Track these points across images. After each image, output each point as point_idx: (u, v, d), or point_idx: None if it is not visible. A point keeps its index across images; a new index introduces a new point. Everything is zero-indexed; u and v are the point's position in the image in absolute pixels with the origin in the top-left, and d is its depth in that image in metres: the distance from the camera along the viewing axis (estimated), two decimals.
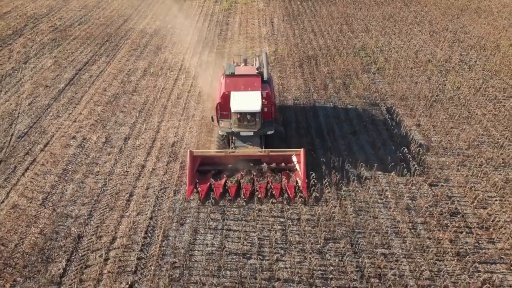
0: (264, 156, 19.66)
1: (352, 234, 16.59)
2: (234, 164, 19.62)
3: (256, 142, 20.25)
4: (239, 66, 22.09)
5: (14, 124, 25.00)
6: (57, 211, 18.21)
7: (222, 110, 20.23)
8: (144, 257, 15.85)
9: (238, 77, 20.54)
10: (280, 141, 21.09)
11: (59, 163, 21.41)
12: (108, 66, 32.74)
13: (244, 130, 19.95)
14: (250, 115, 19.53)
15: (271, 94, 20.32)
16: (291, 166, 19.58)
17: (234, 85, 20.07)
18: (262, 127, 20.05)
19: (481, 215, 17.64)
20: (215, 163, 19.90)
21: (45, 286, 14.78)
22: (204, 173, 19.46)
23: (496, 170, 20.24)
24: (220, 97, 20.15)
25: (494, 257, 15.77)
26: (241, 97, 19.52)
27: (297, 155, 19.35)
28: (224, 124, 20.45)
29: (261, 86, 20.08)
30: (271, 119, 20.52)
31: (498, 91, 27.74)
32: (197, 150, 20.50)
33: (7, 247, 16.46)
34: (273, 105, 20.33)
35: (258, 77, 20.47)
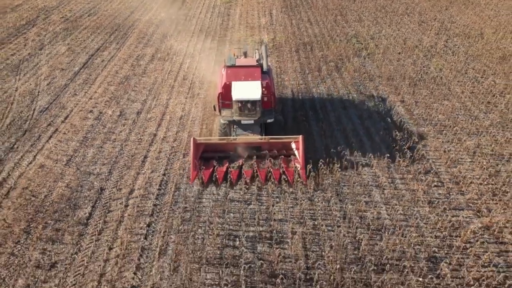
0: (264, 143, 20.55)
1: (337, 186, 19.09)
2: (235, 151, 20.55)
3: (256, 130, 21.05)
4: (239, 58, 23.27)
5: (35, 101, 27.48)
6: (80, 169, 20.72)
7: (224, 100, 20.97)
8: (159, 204, 18.35)
9: (238, 68, 21.49)
10: (279, 129, 22.07)
11: (79, 132, 23.91)
12: (118, 52, 35.23)
13: (245, 118, 20.71)
14: (251, 104, 20.32)
15: (270, 84, 21.18)
16: (290, 153, 20.45)
17: (235, 76, 20.93)
18: (262, 116, 20.80)
19: (453, 173, 20.13)
20: (217, 150, 20.78)
21: (73, 226, 17.26)
22: (207, 160, 20.32)
23: (469, 137, 22.75)
24: (222, 87, 20.95)
25: (462, 205, 18.24)
26: (242, 87, 20.36)
27: (296, 142, 20.17)
28: (225, 113, 21.19)
29: (261, 76, 20.99)
30: (271, 108, 21.25)
31: (478, 72, 30.24)
32: (200, 138, 21.54)
33: (37, 198, 18.94)
34: (272, 94, 21.10)
35: (258, 68, 21.45)
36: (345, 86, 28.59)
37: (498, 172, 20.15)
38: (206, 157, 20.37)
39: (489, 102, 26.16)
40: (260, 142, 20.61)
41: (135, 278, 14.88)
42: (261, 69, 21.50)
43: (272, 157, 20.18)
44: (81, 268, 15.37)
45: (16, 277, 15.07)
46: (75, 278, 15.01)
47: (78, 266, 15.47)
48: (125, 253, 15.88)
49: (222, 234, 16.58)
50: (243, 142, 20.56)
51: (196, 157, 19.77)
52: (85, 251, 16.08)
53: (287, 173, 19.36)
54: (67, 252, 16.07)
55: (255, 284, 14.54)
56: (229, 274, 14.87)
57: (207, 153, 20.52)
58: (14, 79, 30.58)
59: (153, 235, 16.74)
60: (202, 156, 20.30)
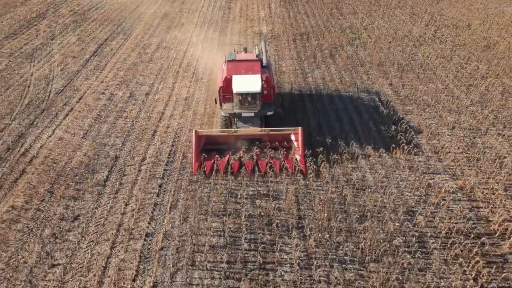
0: (264, 135, 21.07)
1: (328, 154, 21.21)
2: (236, 142, 21.13)
3: (256, 123, 21.51)
4: (239, 54, 24.00)
5: (50, 84, 29.64)
6: (96, 141, 22.88)
7: (225, 93, 21.46)
8: (169, 169, 20.50)
9: (239, 62, 22.12)
10: (279, 121, 22.63)
11: (93, 110, 26.06)
12: (126, 41, 37.40)
13: (245, 111, 21.18)
14: (251, 97, 20.81)
15: (270, 78, 21.72)
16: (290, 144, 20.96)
17: (236, 69, 21.49)
18: (262, 109, 21.30)
19: (433, 144, 22.28)
20: (218, 142, 21.30)
21: (93, 187, 19.41)
22: (209, 151, 20.70)
23: (449, 114, 24.91)
24: (223, 80, 21.46)
25: (440, 170, 20.38)
26: (242, 80, 20.90)
27: (295, 133, 20.67)
28: (226, 106, 21.64)
29: (261, 70, 21.57)
30: (270, 101, 21.76)
31: (463, 59, 32.40)
32: (202, 130, 22.15)
33: (58, 164, 21.09)
34: (272, 88, 21.58)
35: (258, 62, 22.04)
36: (338, 71, 30.75)
37: (475, 144, 22.28)
38: (208, 149, 20.80)
39: (471, 85, 28.32)
40: (260, 134, 21.14)
41: (149, 227, 17.03)
42: (261, 63, 22.12)
43: (273, 149, 20.78)
44: (101, 220, 17.52)
45: (43, 228, 17.20)
46: (96, 228, 17.16)
47: (99, 218, 17.62)
48: (140, 208, 18.03)
49: (225, 193, 18.72)
50: (244, 134, 21.09)
51: (198, 149, 20.31)
52: (104, 206, 18.24)
53: (287, 163, 19.93)
54: (88, 207, 18.23)
55: (254, 230, 16.69)
56: (231, 222, 17.02)
57: (208, 145, 20.97)
58: (29, 66, 32.73)
59: (164, 194, 18.89)
60: (204, 148, 20.73)
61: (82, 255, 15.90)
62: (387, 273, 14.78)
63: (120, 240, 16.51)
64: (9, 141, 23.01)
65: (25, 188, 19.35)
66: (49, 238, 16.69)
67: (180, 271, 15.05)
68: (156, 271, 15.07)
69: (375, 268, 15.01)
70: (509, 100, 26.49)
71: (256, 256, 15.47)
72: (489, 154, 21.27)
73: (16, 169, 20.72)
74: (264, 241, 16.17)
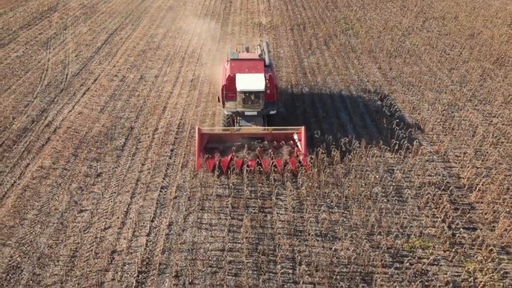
0: (267, 134, 21.07)
1: (320, 123, 23.75)
2: (239, 141, 21.08)
3: (259, 122, 21.56)
4: (241, 53, 24.23)
5: (67, 68, 32.21)
6: (112, 115, 25.45)
7: (228, 92, 21.54)
8: (179, 137, 23.06)
9: (242, 61, 22.30)
10: (282, 121, 22.74)
11: (108, 90, 28.64)
12: (134, 32, 39.98)
13: (248, 110, 21.21)
14: (254, 96, 20.83)
15: (273, 77, 21.91)
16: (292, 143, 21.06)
17: (239, 68, 21.59)
18: (265, 107, 21.37)
19: (415, 117, 24.86)
20: (221, 140, 21.24)
21: (112, 151, 21.98)
22: (212, 149, 20.78)
23: (431, 92, 27.51)
24: (226, 79, 21.52)
25: (419, 135, 22.97)
26: (246, 78, 20.96)
27: (298, 133, 20.79)
28: (229, 105, 21.69)
29: (264, 69, 21.71)
30: (273, 100, 21.85)
31: (448, 46, 35.02)
32: (205, 128, 22.19)
33: (80, 133, 23.65)
34: (275, 87, 21.68)
35: (261, 61, 22.30)
36: (332, 56, 33.36)
37: (452, 117, 24.87)
38: (210, 147, 20.89)
39: (453, 68, 30.94)
40: (263, 133, 21.17)
41: (164, 181, 19.61)
42: (264, 63, 22.30)
43: (275, 148, 20.88)
44: (121, 176, 20.10)
45: (70, 183, 19.76)
46: (117, 182, 19.74)
47: (119, 175, 20.20)
48: (155, 167, 20.61)
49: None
50: (247, 133, 21.12)
51: (201, 147, 20.39)
52: (123, 166, 20.82)
53: (290, 162, 20.00)
54: (109, 167, 20.81)
55: (254, 183, 19.28)
56: (235, 177, 19.59)
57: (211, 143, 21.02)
58: (45, 52, 35.27)
59: (176, 156, 21.47)
60: (207, 146, 20.78)
61: (106, 203, 18.49)
62: (367, 215, 17.36)
63: (139, 191, 19.10)
64: (33, 115, 25.56)
65: (52, 152, 21.92)
66: (76, 190, 19.27)
67: (191, 214, 17.63)
68: (171, 214, 17.65)
69: (357, 210, 17.59)
70: (487, 80, 29.10)
71: (256, 202, 18.05)
72: (464, 125, 23.88)
73: (42, 138, 23.29)
74: (263, 191, 18.75)
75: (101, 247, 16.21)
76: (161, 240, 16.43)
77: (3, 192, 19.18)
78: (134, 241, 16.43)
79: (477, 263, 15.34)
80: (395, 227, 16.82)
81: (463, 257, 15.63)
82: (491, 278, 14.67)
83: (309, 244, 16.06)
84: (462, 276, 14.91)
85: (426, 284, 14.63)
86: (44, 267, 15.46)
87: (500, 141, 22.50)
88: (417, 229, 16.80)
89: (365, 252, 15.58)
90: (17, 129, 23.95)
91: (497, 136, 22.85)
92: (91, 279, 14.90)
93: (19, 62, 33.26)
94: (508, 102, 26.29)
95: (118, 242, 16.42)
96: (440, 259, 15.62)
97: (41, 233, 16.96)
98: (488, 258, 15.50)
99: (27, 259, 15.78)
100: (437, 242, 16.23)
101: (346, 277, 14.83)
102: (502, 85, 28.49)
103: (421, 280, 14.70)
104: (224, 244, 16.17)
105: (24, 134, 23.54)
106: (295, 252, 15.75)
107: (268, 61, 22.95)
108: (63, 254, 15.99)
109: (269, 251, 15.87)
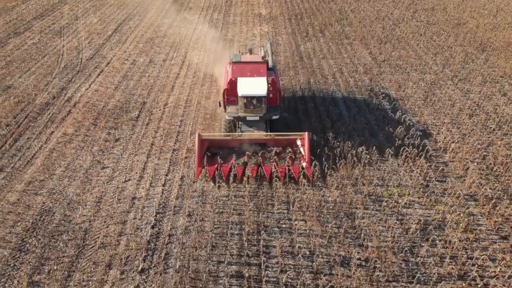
0: (270, 140, 20.42)
1: (314, 100, 26.31)
2: (240, 147, 20.44)
3: (261, 127, 20.89)
4: (244, 55, 23.37)
5: (81, 53, 34.78)
6: (126, 92, 28.03)
7: (229, 96, 20.95)
8: (187, 111, 25.63)
9: (244, 64, 21.55)
10: (284, 126, 22.10)
11: (120, 71, 31.22)
12: (142, 22, 42.58)
13: (250, 115, 20.59)
14: (256, 100, 20.21)
15: (276, 80, 21.15)
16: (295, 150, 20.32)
17: (241, 72, 20.93)
18: (268, 112, 20.74)
19: (400, 94, 27.44)
20: (222, 146, 20.61)
21: (128, 121, 24.54)
22: (212, 156, 20.08)
23: (416, 72, 30.11)
24: (227, 83, 20.93)
25: (403, 110, 25.52)
26: (247, 82, 20.36)
27: (301, 139, 20.07)
28: (230, 110, 21.08)
29: (267, 72, 21.07)
30: (276, 105, 21.21)
31: (434, 34, 37.61)
32: (205, 134, 21.43)
33: (97, 107, 26.22)
34: (278, 91, 21.02)
35: (264, 64, 21.50)
36: (326, 43, 35.96)
37: (434, 93, 27.44)
38: (211, 153, 20.23)
39: (438, 52, 33.53)
40: (265, 139, 20.60)
41: (175, 145, 22.19)
42: (267, 66, 21.64)
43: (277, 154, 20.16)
44: (137, 141, 22.69)
45: (91, 146, 22.33)
46: (134, 146, 22.31)
47: (135, 140, 22.77)
48: (167, 134, 23.19)
49: None
50: (248, 138, 20.54)
51: (201, 153, 19.66)
52: (138, 133, 23.40)
53: (293, 170, 19.16)
54: (126, 134, 23.39)
55: None
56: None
57: (212, 149, 20.42)
58: (59, 40, 37.84)
59: (185, 126, 24.04)
60: (207, 152, 20.14)
61: (125, 162, 21.08)
62: (353, 168, 19.94)
63: (153, 153, 21.69)
64: (54, 92, 28.13)
65: (73, 122, 24.51)
66: (97, 152, 21.86)
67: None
68: (183, 170, 20.23)
69: (344, 166, 20.13)
70: (468, 63, 31.69)
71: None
72: (444, 99, 26.46)
73: (63, 110, 25.88)
74: None
75: (123, 195, 18.80)
76: (175, 189, 19.02)
77: (32, 154, 21.79)
78: (151, 190, 19.02)
79: (447, 206, 17.89)
80: (376, 179, 19.39)
81: (434, 202, 18.19)
82: (458, 216, 17.22)
83: (301, 191, 18.62)
84: (433, 216, 17.47)
85: (401, 221, 17.20)
86: (74, 210, 18.04)
87: (475, 113, 25.07)
88: (396, 181, 19.38)
89: (348, 195, 18.16)
90: (40, 104, 26.54)
91: (472, 109, 25.42)
92: (115, 218, 17.48)
93: (36, 48, 35.82)
94: (486, 82, 28.85)
95: (138, 191, 19.01)
96: (415, 203, 18.19)
97: (69, 185, 19.54)
98: (456, 202, 18.06)
99: (58, 204, 18.36)
100: (412, 190, 18.79)
101: (332, 214, 17.42)
102: (482, 67, 31.05)
103: (397, 218, 17.27)
104: (230, 192, 18.73)
105: (47, 108, 26.13)
106: (290, 197, 18.32)
107: (272, 63, 22.23)
108: (90, 200, 18.57)
109: (268, 196, 18.44)
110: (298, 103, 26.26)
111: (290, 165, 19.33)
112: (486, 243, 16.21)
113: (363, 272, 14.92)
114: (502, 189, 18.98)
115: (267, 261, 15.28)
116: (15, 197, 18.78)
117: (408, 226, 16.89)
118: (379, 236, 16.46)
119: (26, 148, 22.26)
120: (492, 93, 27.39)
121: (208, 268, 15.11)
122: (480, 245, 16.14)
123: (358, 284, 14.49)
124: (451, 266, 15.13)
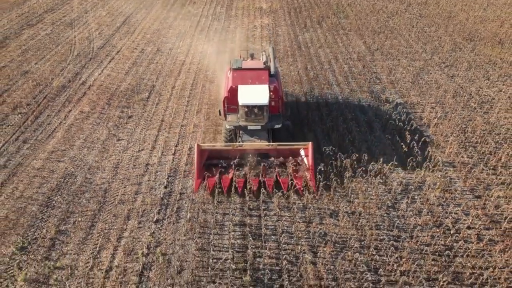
0: (272, 150, 19.66)
1: (311, 83, 28.48)
2: (241, 157, 19.62)
3: (263, 136, 20.13)
4: (246, 61, 22.36)
5: (92, 43, 36.99)
6: (136, 76, 30.23)
7: (230, 104, 20.22)
8: (193, 93, 27.81)
9: (245, 70, 20.62)
10: (287, 135, 20.86)
11: (130, 59, 33.42)
12: (148, 15, 44.78)
13: (251, 124, 19.87)
14: (258, 109, 19.51)
15: (278, 87, 20.32)
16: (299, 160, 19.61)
17: (242, 79, 20.11)
18: (270, 121, 19.96)
19: (390, 78, 29.57)
20: (222, 156, 19.81)
21: (139, 101, 26.72)
22: (212, 167, 19.33)
23: (405, 59, 32.26)
24: (228, 91, 20.19)
25: (392, 92, 27.65)
26: (248, 91, 19.56)
27: (305, 148, 19.39)
28: (231, 118, 20.35)
29: (269, 79, 20.21)
30: (279, 113, 20.44)
31: (426, 25, 39.74)
32: (205, 144, 20.76)
33: (110, 89, 28.40)
34: (280, 99, 20.29)
35: (266, 71, 20.59)
36: (323, 34, 38.13)
37: (421, 78, 29.58)
38: (210, 164, 19.48)
39: (428, 41, 35.67)
40: (267, 148, 19.80)
41: (183, 121, 24.37)
42: (269, 72, 20.79)
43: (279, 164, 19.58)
44: (148, 117, 24.87)
45: (107, 122, 24.52)
46: (145, 122, 24.49)
47: (146, 117, 24.96)
48: (175, 112, 25.38)
49: None
50: (250, 148, 19.68)
51: (200, 164, 18.95)
52: (149, 111, 25.59)
53: (296, 182, 18.52)
54: (138, 112, 25.58)
55: None
56: None
57: (211, 160, 19.65)
58: (71, 31, 40.05)
59: (192, 105, 26.22)
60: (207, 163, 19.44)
61: (138, 135, 23.27)
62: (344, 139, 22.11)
63: (164, 127, 23.87)
64: (69, 76, 30.33)
65: (89, 102, 26.70)
66: (112, 126, 24.05)
67: (206, 142, 22.37)
68: (191, 142, 22.40)
69: (335, 137, 22.29)
70: (456, 51, 33.81)
71: None
72: (431, 83, 28.61)
73: (79, 92, 28.07)
74: None
75: (138, 162, 21.00)
76: (184, 157, 21.21)
77: (53, 128, 24.00)
78: (163, 158, 21.21)
79: (427, 170, 20.02)
80: (363, 148, 21.54)
81: (416, 167, 20.32)
82: (436, 178, 19.36)
83: None
84: (414, 179, 19.62)
85: (385, 183, 19.35)
86: (94, 174, 20.24)
87: (459, 94, 27.20)
88: (381, 150, 21.53)
89: (339, 161, 20.32)
90: (57, 86, 28.75)
91: (457, 91, 27.56)
92: (132, 180, 19.68)
93: (49, 38, 38.01)
94: (472, 67, 30.98)
95: (151, 159, 21.20)
96: (398, 168, 20.32)
97: (88, 154, 21.74)
98: (436, 167, 20.20)
99: (79, 169, 20.56)
100: (396, 157, 20.93)
101: (324, 176, 19.56)
102: (469, 55, 33.16)
103: (380, 180, 19.42)
104: None
105: (64, 90, 28.34)
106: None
107: (274, 70, 21.36)
108: (108, 166, 20.76)
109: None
110: (295, 86, 28.41)
111: (294, 176, 18.78)
112: (461, 201, 18.34)
113: (350, 222, 17.07)
114: (478, 157, 21.11)
115: (266, 212, 17.45)
116: (40, 163, 20.99)
117: (391, 187, 19.04)
118: (365, 193, 18.61)
119: (47, 124, 24.46)
120: (477, 77, 29.51)
121: (215, 217, 17.30)
122: (455, 202, 18.27)
123: (345, 230, 16.65)
124: (428, 217, 17.28)
